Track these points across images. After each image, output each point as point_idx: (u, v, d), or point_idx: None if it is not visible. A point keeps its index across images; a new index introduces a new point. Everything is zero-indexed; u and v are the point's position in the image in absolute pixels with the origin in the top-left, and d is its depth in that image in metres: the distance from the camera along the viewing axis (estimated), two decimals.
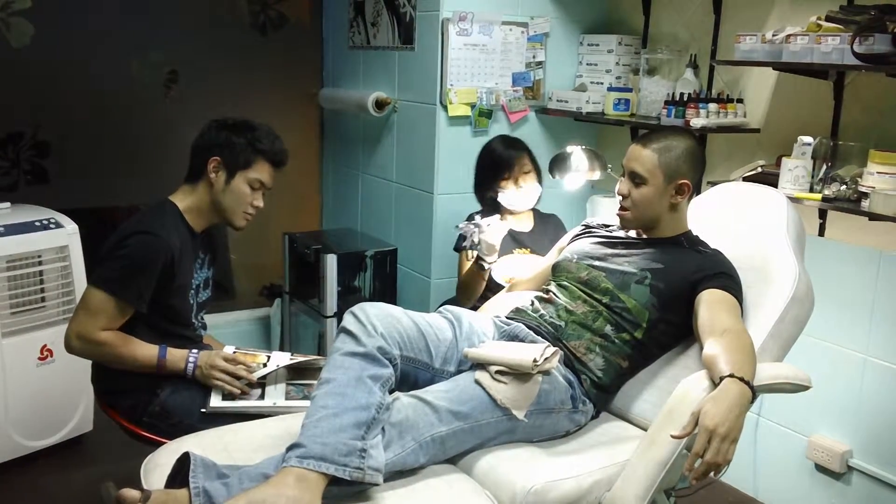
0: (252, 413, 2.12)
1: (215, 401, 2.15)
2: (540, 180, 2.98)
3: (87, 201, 3.84)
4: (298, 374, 2.28)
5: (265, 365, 2.26)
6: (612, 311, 2.12)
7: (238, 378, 2.18)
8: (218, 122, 2.29)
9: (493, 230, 2.69)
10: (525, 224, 3.01)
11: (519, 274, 2.67)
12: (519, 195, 2.91)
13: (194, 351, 2.21)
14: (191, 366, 2.19)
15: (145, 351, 2.17)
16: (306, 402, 2.03)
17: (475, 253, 2.74)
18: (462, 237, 2.78)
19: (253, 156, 2.25)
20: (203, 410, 2.13)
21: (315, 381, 1.85)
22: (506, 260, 2.84)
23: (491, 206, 2.96)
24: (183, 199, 2.27)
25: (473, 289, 2.84)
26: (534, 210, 3.05)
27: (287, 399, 2.17)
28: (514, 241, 2.92)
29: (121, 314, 2.14)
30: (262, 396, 2.18)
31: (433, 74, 3.27)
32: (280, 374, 2.27)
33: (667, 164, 2.13)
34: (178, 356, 2.19)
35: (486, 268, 2.75)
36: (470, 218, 2.85)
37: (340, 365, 1.79)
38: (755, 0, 2.90)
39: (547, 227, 3.04)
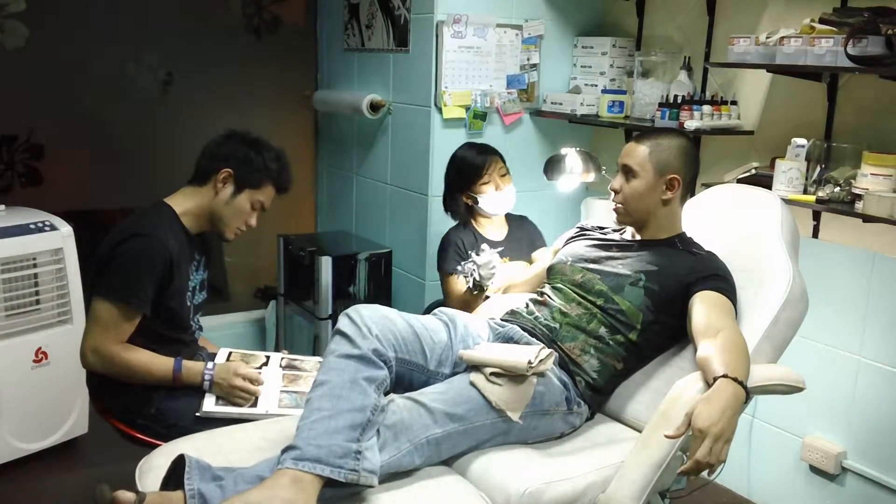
0: (244, 420, 2.11)
1: (209, 405, 2.15)
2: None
3: (81, 204, 3.84)
4: (291, 382, 2.29)
5: (265, 364, 2.32)
6: (607, 313, 2.12)
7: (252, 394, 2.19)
8: (238, 134, 2.31)
9: (489, 263, 2.66)
10: (499, 231, 2.99)
11: (510, 281, 2.67)
12: (499, 198, 2.90)
13: (209, 366, 2.20)
14: (207, 383, 2.18)
15: (160, 365, 2.17)
16: (298, 410, 2.02)
17: (470, 279, 2.71)
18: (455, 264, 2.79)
19: (265, 178, 2.28)
20: (197, 414, 2.13)
21: (307, 391, 1.85)
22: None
23: (466, 214, 2.95)
24: (182, 202, 2.27)
25: (472, 307, 2.81)
26: (506, 214, 3.03)
27: (280, 407, 2.17)
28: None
29: (130, 322, 2.14)
30: (255, 404, 2.18)
31: (428, 77, 3.27)
32: (274, 382, 2.27)
33: (657, 159, 2.16)
34: (194, 371, 2.18)
35: (486, 292, 2.72)
36: (462, 252, 2.83)
37: (335, 367, 1.79)
38: (749, 2, 2.91)
39: (522, 231, 3.02)
